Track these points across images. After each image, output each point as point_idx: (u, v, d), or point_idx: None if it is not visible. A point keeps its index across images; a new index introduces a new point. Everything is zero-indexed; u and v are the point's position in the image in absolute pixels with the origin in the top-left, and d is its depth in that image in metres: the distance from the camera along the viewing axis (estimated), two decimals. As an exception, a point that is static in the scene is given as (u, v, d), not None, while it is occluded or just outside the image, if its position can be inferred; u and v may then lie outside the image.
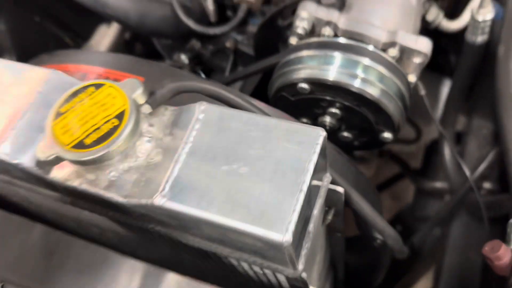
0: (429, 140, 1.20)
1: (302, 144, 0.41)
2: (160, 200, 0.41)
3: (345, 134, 0.69)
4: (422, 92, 0.69)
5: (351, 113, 0.63)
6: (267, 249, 0.40)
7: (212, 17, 0.93)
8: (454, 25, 0.83)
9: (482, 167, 0.87)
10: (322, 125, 0.68)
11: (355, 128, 0.67)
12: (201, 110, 0.45)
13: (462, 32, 0.82)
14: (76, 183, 0.46)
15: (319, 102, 0.64)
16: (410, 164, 1.20)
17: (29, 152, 0.48)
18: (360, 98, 0.61)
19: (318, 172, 0.45)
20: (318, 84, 0.61)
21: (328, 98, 0.62)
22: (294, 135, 0.42)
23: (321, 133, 0.42)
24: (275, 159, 0.41)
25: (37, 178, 0.48)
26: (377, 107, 0.62)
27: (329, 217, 0.56)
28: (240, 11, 0.84)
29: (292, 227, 0.38)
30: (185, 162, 0.42)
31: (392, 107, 0.63)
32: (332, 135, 0.69)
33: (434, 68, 0.96)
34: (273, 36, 0.74)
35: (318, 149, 0.41)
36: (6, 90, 0.51)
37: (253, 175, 0.40)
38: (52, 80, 0.51)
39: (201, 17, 0.89)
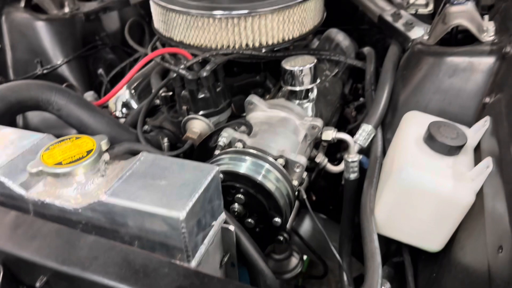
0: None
1: (203, 171, 0.66)
2: (103, 197, 0.62)
3: (249, 220, 0.91)
4: (304, 196, 0.96)
5: (253, 199, 0.88)
6: (169, 231, 0.60)
7: (165, 151, 1.24)
8: (336, 168, 1.17)
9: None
10: (233, 212, 0.92)
11: (255, 213, 0.90)
12: (142, 155, 0.70)
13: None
14: (45, 198, 0.67)
15: (230, 189, 0.89)
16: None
17: (16, 178, 0.69)
18: (260, 188, 0.87)
19: (213, 201, 0.68)
20: (232, 175, 0.87)
21: (237, 185, 0.88)
22: (199, 168, 0.67)
23: (215, 167, 0.67)
24: (184, 178, 0.65)
25: (17, 195, 0.68)
26: (271, 197, 0.87)
27: (225, 259, 0.75)
28: (186, 144, 1.16)
29: (187, 209, 0.59)
30: (125, 180, 0.65)
31: (281, 198, 0.89)
32: (241, 222, 0.91)
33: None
34: (205, 154, 1.04)
35: (212, 173, 0.66)
36: (13, 142, 0.75)
37: (168, 185, 0.64)
38: (46, 138, 0.76)
39: (157, 146, 1.20)
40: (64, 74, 1.59)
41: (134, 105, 1.43)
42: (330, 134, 1.09)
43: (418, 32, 1.31)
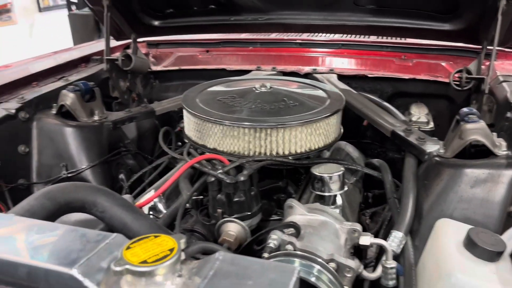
0: None
1: (286, 272, 0.67)
2: (193, 296, 0.62)
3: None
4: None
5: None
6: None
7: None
8: (372, 275, 1.17)
9: None
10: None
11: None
12: (220, 254, 0.71)
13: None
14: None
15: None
16: None
17: (93, 277, 0.68)
18: (314, 291, 0.87)
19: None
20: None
21: (291, 290, 0.87)
22: (280, 268, 0.68)
23: (295, 268, 0.68)
24: (269, 278, 0.66)
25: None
26: (325, 302, 0.87)
27: None
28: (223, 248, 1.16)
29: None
30: (210, 279, 0.66)
31: (336, 304, 0.88)
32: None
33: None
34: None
35: (295, 274, 0.67)
36: (85, 241, 0.75)
37: (255, 285, 0.64)
38: (118, 237, 0.76)
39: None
40: (87, 178, 1.61)
41: (162, 208, 1.44)
42: (368, 240, 1.12)
43: (431, 146, 1.43)
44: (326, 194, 1.30)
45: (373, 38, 2.21)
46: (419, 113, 1.95)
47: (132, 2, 2.05)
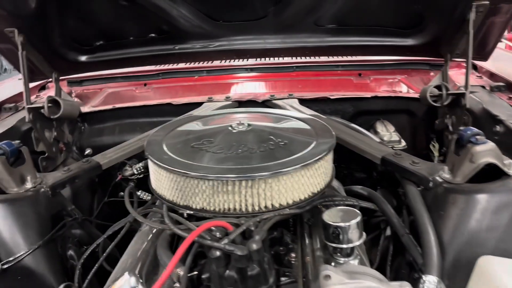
0: None
1: None
2: None
3: None
4: None
5: None
6: None
7: None
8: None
9: None
10: None
11: None
12: None
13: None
14: None
15: None
16: None
17: None
18: None
19: None
20: None
21: None
22: None
23: None
24: None
25: None
26: None
27: None
28: None
29: None
30: None
31: None
32: None
33: None
34: None
35: None
36: None
37: None
38: None
39: None
40: (29, 266, 1.24)
41: (144, 294, 1.13)
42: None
43: (431, 171, 1.33)
44: (344, 246, 1.12)
45: (324, 58, 2.11)
46: (388, 131, 1.89)
47: (52, 36, 1.70)
